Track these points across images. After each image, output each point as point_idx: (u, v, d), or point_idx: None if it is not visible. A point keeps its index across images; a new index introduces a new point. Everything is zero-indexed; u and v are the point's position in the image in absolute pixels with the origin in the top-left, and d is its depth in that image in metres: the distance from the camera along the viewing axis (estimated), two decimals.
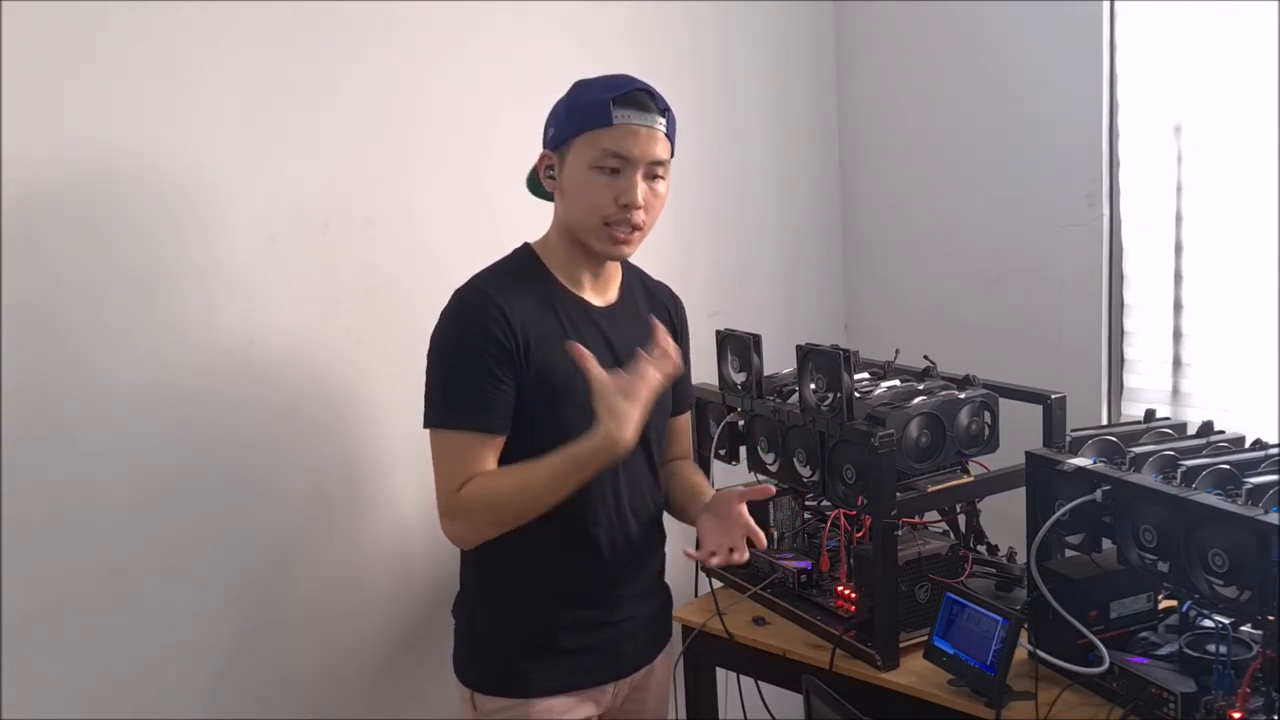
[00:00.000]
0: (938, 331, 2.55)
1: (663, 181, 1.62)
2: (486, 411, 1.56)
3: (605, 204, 1.58)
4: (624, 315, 1.71)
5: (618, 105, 1.56)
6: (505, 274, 1.65)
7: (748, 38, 2.61)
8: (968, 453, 1.84)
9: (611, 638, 1.69)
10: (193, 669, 1.82)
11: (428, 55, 2.04)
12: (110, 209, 1.69)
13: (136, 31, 1.69)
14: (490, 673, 1.67)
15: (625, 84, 1.59)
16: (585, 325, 1.64)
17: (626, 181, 1.57)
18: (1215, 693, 1.42)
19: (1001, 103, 2.49)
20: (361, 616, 2.02)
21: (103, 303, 1.69)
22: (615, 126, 1.56)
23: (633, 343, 1.66)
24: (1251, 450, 1.54)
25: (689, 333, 1.87)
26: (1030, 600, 1.61)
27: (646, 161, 1.58)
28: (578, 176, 1.59)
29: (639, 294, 1.77)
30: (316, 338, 1.93)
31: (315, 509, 1.95)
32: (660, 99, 1.61)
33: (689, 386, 1.89)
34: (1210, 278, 2.22)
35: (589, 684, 1.68)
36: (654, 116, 1.58)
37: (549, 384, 1.58)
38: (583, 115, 1.58)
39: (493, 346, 1.55)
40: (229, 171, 1.81)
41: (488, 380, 1.55)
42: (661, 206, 1.65)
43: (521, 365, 1.57)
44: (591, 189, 1.58)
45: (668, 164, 1.63)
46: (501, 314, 1.56)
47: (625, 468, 1.65)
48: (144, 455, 1.74)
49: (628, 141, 1.56)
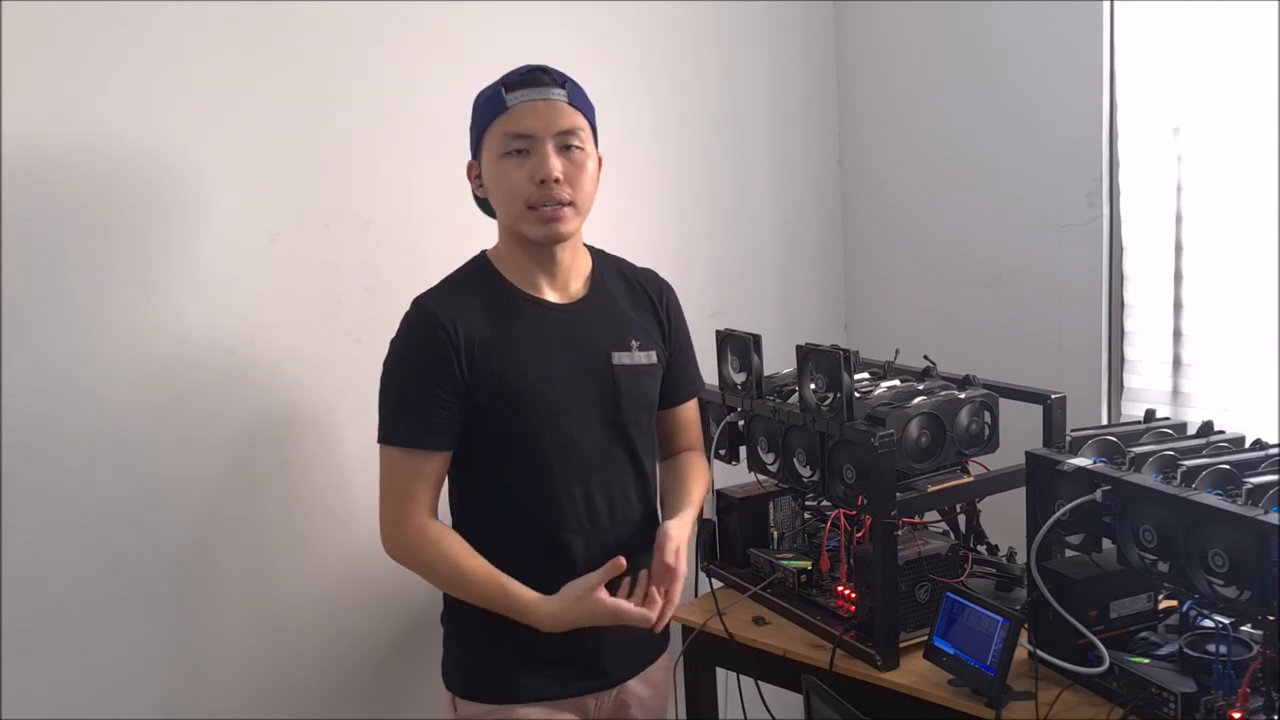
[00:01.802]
0: (938, 331, 2.55)
1: (580, 151, 1.59)
2: (423, 430, 1.57)
3: (523, 185, 1.56)
4: (591, 309, 1.67)
5: (510, 89, 1.57)
6: (455, 284, 1.65)
7: (748, 38, 2.61)
8: (968, 453, 1.84)
9: (592, 648, 1.64)
10: (192, 670, 1.82)
11: (428, 55, 2.04)
12: (110, 208, 1.69)
13: (136, 31, 1.69)
14: (470, 678, 1.67)
15: (517, 70, 1.60)
16: (541, 326, 1.62)
17: (537, 158, 1.55)
18: (1215, 693, 1.42)
19: (1001, 103, 2.49)
20: (357, 618, 2.02)
21: (102, 302, 1.69)
22: (511, 108, 1.56)
23: (603, 337, 1.65)
24: (1251, 450, 1.54)
25: (683, 315, 1.81)
26: (1030, 600, 1.61)
27: (553, 133, 1.56)
28: (493, 169, 1.59)
29: (615, 285, 1.72)
30: (316, 338, 1.93)
31: (314, 509, 1.95)
32: (556, 72, 1.60)
33: (689, 376, 1.83)
34: (1210, 278, 2.21)
35: (569, 694, 1.66)
36: (549, 89, 1.57)
37: (502, 390, 1.58)
38: (483, 111, 1.60)
39: (435, 362, 1.55)
40: (229, 171, 1.81)
41: (429, 400, 1.56)
42: (592, 180, 1.61)
43: (467, 378, 1.56)
44: (506, 176, 1.57)
45: (583, 134, 1.59)
46: (442, 329, 1.56)
47: (599, 470, 1.64)
48: (144, 455, 1.74)
49: (526, 118, 1.55)
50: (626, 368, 1.66)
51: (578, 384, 1.61)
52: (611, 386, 1.64)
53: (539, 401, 1.59)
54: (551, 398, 1.60)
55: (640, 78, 2.40)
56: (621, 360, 1.66)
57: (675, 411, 1.81)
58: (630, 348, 1.67)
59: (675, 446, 1.83)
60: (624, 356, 1.66)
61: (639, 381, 1.68)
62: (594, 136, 1.64)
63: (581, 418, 1.62)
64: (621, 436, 1.66)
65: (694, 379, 1.85)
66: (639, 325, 1.71)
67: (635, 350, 1.68)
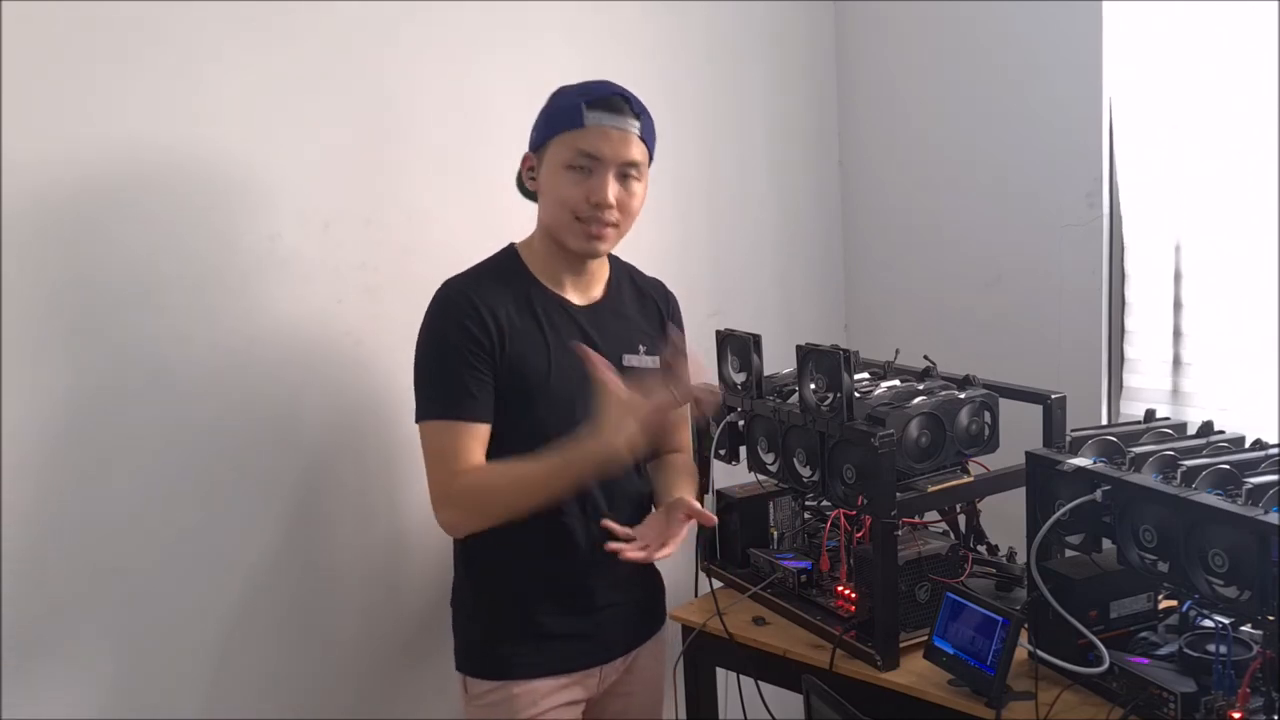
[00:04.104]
0: (938, 331, 2.55)
1: (637, 183, 1.67)
2: (469, 401, 1.62)
3: (577, 201, 1.63)
4: (608, 313, 1.76)
5: (590, 108, 1.63)
6: (484, 274, 1.71)
7: (748, 38, 2.61)
8: (968, 453, 1.84)
9: (595, 623, 1.74)
10: (193, 668, 1.82)
11: (428, 55, 2.04)
12: (110, 209, 1.69)
13: (136, 33, 1.69)
14: (479, 657, 1.74)
15: (600, 89, 1.65)
16: (564, 323, 1.70)
17: (598, 180, 1.63)
18: (1215, 693, 1.42)
19: (1001, 103, 2.49)
20: (362, 614, 2.02)
21: (102, 303, 1.69)
22: (588, 128, 1.62)
23: (615, 339, 1.73)
24: (1251, 450, 1.54)
25: (684, 326, 1.89)
26: (1030, 600, 1.61)
27: (619, 162, 1.64)
28: (553, 176, 1.65)
29: (627, 291, 1.82)
30: (316, 338, 1.93)
31: (315, 509, 1.95)
32: (636, 103, 1.66)
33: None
34: (1210, 277, 2.21)
35: (573, 668, 1.73)
36: (627, 120, 1.64)
37: (522, 376, 1.64)
38: (558, 118, 1.65)
39: (470, 341, 1.61)
40: (229, 171, 1.81)
41: (468, 372, 1.61)
42: (638, 208, 1.70)
43: (497, 358, 1.63)
44: (564, 187, 1.64)
45: (643, 166, 1.68)
46: (476, 310, 1.62)
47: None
48: (143, 455, 1.74)
49: (599, 142, 1.62)
50: (635, 370, 1.73)
51: (589, 382, 1.64)
52: None
53: (552, 394, 1.66)
54: (563, 391, 1.66)
55: (640, 78, 2.37)
56: (630, 362, 1.74)
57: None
58: (638, 351, 1.76)
59: (663, 447, 1.87)
60: (633, 359, 1.75)
61: (644, 383, 1.70)
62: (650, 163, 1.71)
63: (588, 413, 1.64)
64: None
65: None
66: (646, 331, 1.80)
67: (643, 354, 1.77)
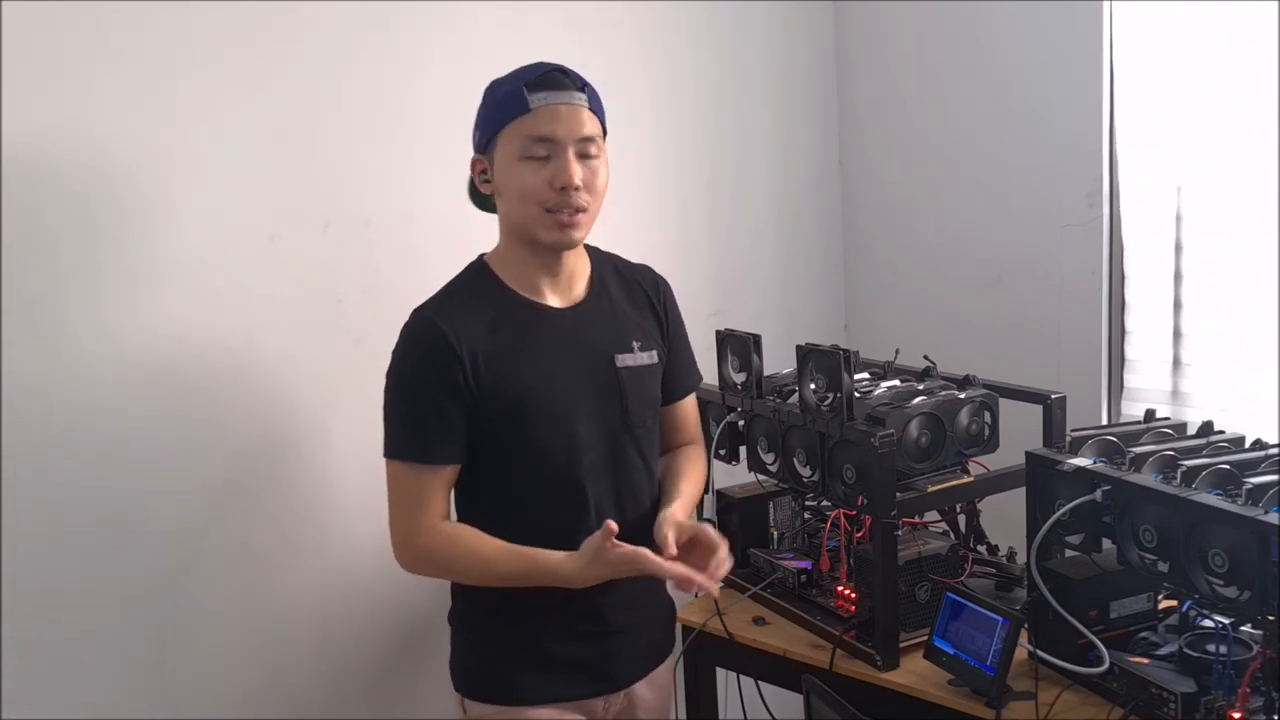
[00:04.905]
0: (938, 331, 2.55)
1: (597, 160, 1.56)
2: (435, 445, 1.54)
3: (542, 190, 1.52)
4: (594, 312, 1.65)
5: (533, 89, 1.51)
6: (454, 293, 1.61)
7: (748, 37, 2.61)
8: (968, 453, 1.84)
9: (602, 651, 1.65)
10: (191, 670, 1.82)
11: (428, 55, 2.04)
12: (110, 209, 1.69)
13: (136, 32, 1.69)
14: (480, 679, 1.65)
15: (536, 68, 1.55)
16: (545, 332, 1.60)
17: (559, 163, 1.51)
18: (1215, 693, 1.42)
19: (1001, 103, 2.49)
20: (359, 620, 2.02)
21: (102, 302, 1.69)
22: (534, 111, 1.51)
23: (606, 340, 1.63)
24: (1251, 450, 1.54)
25: (679, 309, 1.79)
26: (1030, 600, 1.61)
27: (575, 139, 1.52)
28: (509, 172, 1.54)
29: (613, 284, 1.70)
30: (316, 338, 1.93)
31: (314, 509, 1.95)
32: (577, 76, 1.56)
33: (686, 370, 1.79)
34: (1210, 277, 2.21)
35: (578, 695, 1.64)
36: (572, 94, 1.53)
37: (507, 399, 1.55)
38: (501, 109, 1.54)
39: (439, 379, 1.53)
40: (229, 171, 1.81)
41: (434, 415, 1.53)
42: (604, 187, 1.58)
43: (472, 389, 1.53)
44: (524, 179, 1.53)
45: (599, 140, 1.56)
46: (445, 340, 1.52)
47: (608, 474, 1.62)
48: (143, 455, 1.74)
49: (550, 122, 1.51)
50: (630, 369, 1.64)
51: (583, 388, 1.60)
52: (617, 389, 1.62)
53: (545, 409, 1.57)
54: (557, 404, 1.58)
55: (640, 78, 2.40)
56: (625, 362, 1.64)
57: (674, 407, 1.78)
58: (632, 349, 1.66)
59: (675, 442, 1.80)
60: (627, 358, 1.64)
61: (643, 382, 1.66)
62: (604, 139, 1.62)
63: (588, 422, 1.60)
64: (630, 438, 1.64)
65: (691, 373, 1.82)
66: (639, 325, 1.69)
67: (637, 351, 1.66)
